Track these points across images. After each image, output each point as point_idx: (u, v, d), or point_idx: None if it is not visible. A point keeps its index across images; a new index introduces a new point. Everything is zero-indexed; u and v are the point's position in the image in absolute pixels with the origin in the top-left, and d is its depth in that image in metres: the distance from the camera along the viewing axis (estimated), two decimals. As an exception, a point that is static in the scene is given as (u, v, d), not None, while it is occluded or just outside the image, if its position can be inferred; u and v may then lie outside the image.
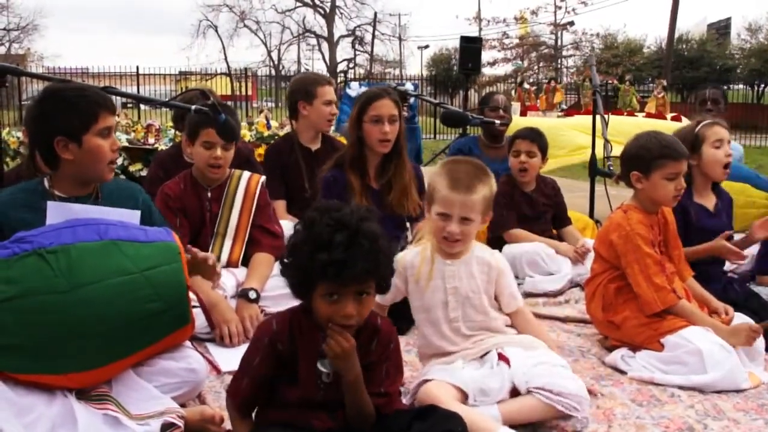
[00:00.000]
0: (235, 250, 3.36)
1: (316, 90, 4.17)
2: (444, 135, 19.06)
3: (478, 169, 2.43)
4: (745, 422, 2.40)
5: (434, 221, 2.42)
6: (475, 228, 2.41)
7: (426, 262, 2.47)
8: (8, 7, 34.25)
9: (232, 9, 38.74)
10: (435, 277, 2.45)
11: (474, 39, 13.33)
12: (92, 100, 2.38)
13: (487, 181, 2.41)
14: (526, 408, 2.26)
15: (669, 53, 24.45)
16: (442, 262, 2.46)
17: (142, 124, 6.32)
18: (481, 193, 2.37)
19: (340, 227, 1.80)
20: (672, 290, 2.84)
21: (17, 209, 2.37)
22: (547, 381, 2.25)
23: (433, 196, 2.41)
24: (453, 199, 2.35)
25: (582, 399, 2.27)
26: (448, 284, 2.44)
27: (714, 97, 5.11)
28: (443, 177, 2.39)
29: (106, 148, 2.40)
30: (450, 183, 2.36)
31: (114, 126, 2.45)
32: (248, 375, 2.00)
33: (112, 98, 2.54)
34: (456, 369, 2.35)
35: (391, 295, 2.51)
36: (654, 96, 7.31)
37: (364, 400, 1.93)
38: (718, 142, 3.36)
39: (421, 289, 2.48)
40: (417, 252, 2.51)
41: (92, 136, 2.36)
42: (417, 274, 2.47)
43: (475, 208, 2.36)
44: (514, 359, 2.35)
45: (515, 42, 31.09)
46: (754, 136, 18.75)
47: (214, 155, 3.24)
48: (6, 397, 1.94)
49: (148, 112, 19.71)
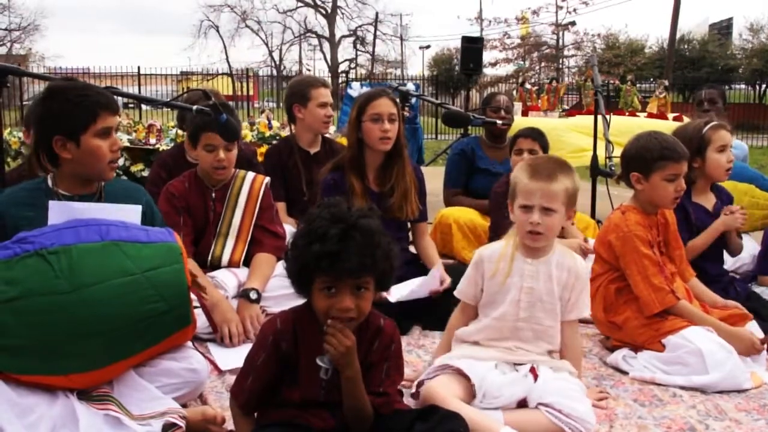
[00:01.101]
0: (237, 250, 3.37)
1: (310, 92, 4.18)
2: (445, 135, 19.06)
3: (560, 162, 2.44)
4: (747, 422, 2.40)
5: (518, 216, 2.41)
6: (558, 221, 2.38)
7: (505, 258, 2.45)
8: (9, 7, 34.33)
9: (233, 9, 38.85)
10: (513, 274, 2.43)
11: (475, 39, 13.31)
12: (93, 100, 2.37)
13: (569, 174, 2.40)
14: (531, 422, 2.23)
15: (671, 53, 24.43)
16: (522, 260, 2.44)
17: (144, 124, 6.32)
18: (563, 183, 2.35)
19: (336, 221, 1.83)
20: (671, 291, 2.83)
21: (20, 207, 2.38)
22: (557, 399, 2.23)
23: (515, 191, 2.41)
24: (533, 188, 2.35)
25: (588, 424, 2.22)
26: (525, 283, 2.42)
27: (710, 97, 5.11)
28: (524, 170, 2.40)
29: (105, 148, 2.39)
30: (530, 173, 2.37)
31: (115, 126, 2.44)
32: (252, 374, 2.00)
33: (115, 98, 2.52)
34: (483, 367, 2.33)
35: (472, 291, 2.51)
36: (656, 96, 7.31)
37: (361, 398, 1.93)
38: (722, 147, 3.36)
39: (496, 284, 2.45)
40: (498, 247, 2.50)
41: (90, 136, 2.35)
42: (494, 269, 2.45)
43: (557, 197, 2.35)
44: (542, 376, 2.34)
45: (517, 42, 31.09)
46: (756, 136, 18.73)
47: (217, 158, 3.25)
48: (8, 398, 1.94)
49: (149, 112, 19.74)
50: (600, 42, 30.25)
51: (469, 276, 2.52)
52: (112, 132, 2.42)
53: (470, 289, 2.51)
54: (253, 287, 3.16)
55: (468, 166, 4.84)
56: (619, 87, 7.36)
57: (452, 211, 4.64)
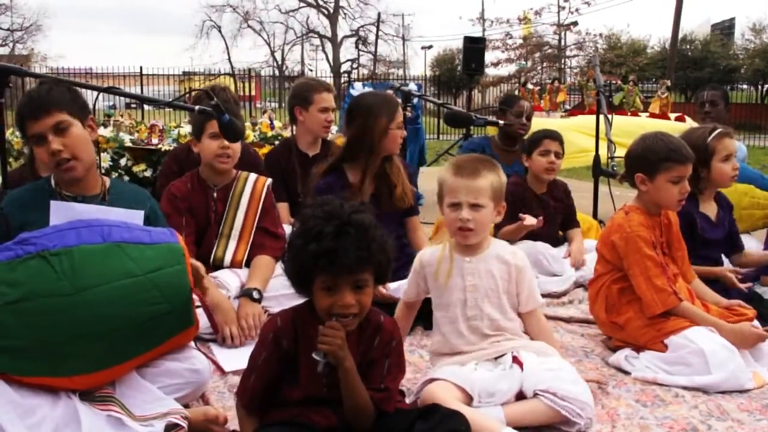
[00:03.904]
0: (239, 251, 3.37)
1: (312, 96, 4.19)
2: (447, 135, 19.04)
3: (483, 159, 2.48)
4: (749, 423, 2.40)
5: (447, 216, 2.42)
6: (487, 216, 2.40)
7: (445, 259, 2.47)
8: (12, 7, 34.37)
9: (235, 9, 38.88)
10: (454, 274, 2.45)
11: (477, 39, 13.33)
12: (22, 108, 2.34)
13: (493, 169, 2.43)
14: (530, 411, 2.25)
15: (672, 53, 24.40)
16: (461, 259, 2.46)
17: (146, 124, 6.33)
18: (487, 179, 2.38)
19: (330, 218, 1.84)
20: (673, 292, 2.83)
21: (24, 207, 2.39)
22: (552, 384, 2.25)
23: (443, 190, 2.43)
24: (458, 185, 2.38)
25: (586, 405, 2.26)
26: (467, 282, 2.44)
27: (711, 98, 5.08)
28: (448, 169, 2.43)
29: (43, 155, 2.37)
30: (454, 171, 2.40)
31: (47, 129, 2.32)
32: (254, 372, 2.01)
33: (43, 99, 2.35)
34: (465, 370, 2.34)
35: (414, 292, 2.55)
36: (657, 96, 7.31)
37: (360, 390, 1.94)
38: (727, 156, 3.36)
39: (440, 286, 2.47)
40: (435, 250, 2.52)
41: (32, 144, 2.37)
42: (436, 271, 2.47)
43: (483, 193, 2.37)
44: (527, 363, 2.35)
45: (519, 42, 31.02)
46: (758, 136, 18.69)
47: (222, 145, 3.26)
48: (10, 399, 1.94)
49: (151, 112, 19.75)
50: (602, 42, 30.21)
51: (411, 280, 2.58)
52: (47, 136, 2.33)
53: (412, 290, 2.59)
54: (254, 287, 3.17)
55: None
56: (621, 87, 7.35)
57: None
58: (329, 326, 1.87)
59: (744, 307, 2.96)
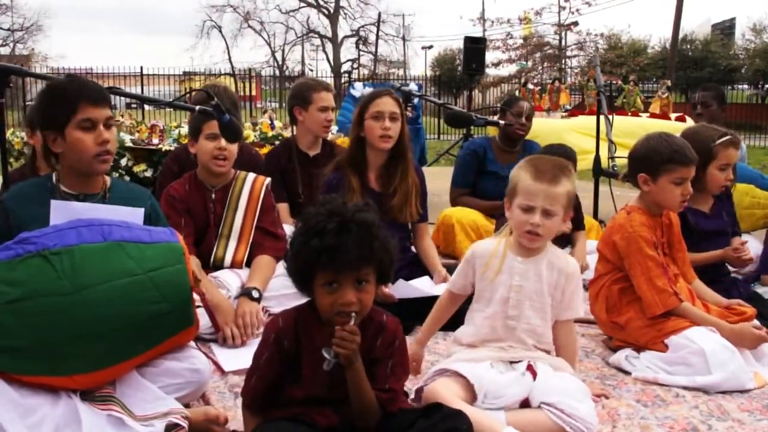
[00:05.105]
0: (239, 251, 3.37)
1: (311, 96, 4.19)
2: (448, 135, 19.03)
3: (563, 164, 2.43)
4: (750, 423, 2.40)
5: (516, 215, 2.40)
6: (556, 224, 2.38)
7: (497, 255, 2.45)
8: (12, 7, 34.38)
9: (236, 9, 38.98)
10: (503, 271, 2.43)
11: (478, 39, 13.34)
12: (74, 92, 2.33)
13: (570, 177, 2.40)
14: (533, 421, 2.22)
15: (673, 53, 24.38)
16: (513, 258, 2.44)
17: (146, 124, 6.32)
18: (564, 186, 2.36)
19: (333, 215, 1.84)
20: (674, 293, 2.83)
21: (26, 204, 2.38)
22: (560, 399, 2.22)
23: (516, 189, 2.40)
24: (536, 190, 2.34)
25: (591, 425, 2.21)
26: (514, 281, 2.42)
27: (702, 100, 5.06)
28: (527, 169, 2.39)
29: (88, 141, 2.34)
30: (534, 174, 2.36)
31: (102, 119, 2.37)
32: (256, 373, 2.01)
33: (108, 94, 2.46)
34: (479, 368, 2.32)
35: (461, 282, 2.53)
36: (658, 96, 7.31)
37: (367, 391, 1.93)
38: (724, 165, 3.35)
39: (486, 280, 2.45)
40: (490, 243, 2.50)
41: (72, 128, 2.32)
42: (485, 265, 2.46)
43: (559, 200, 2.34)
44: (541, 373, 2.33)
45: (519, 42, 30.97)
46: (758, 136, 18.68)
47: (218, 146, 3.25)
48: (10, 398, 1.94)
49: (152, 112, 19.76)
50: (602, 42, 30.18)
51: (460, 269, 2.54)
52: (98, 125, 2.36)
53: (460, 280, 2.54)
54: (254, 286, 3.17)
55: (478, 166, 4.83)
56: (621, 87, 7.35)
57: (455, 211, 4.64)
58: (349, 330, 1.85)
59: (744, 305, 2.96)
